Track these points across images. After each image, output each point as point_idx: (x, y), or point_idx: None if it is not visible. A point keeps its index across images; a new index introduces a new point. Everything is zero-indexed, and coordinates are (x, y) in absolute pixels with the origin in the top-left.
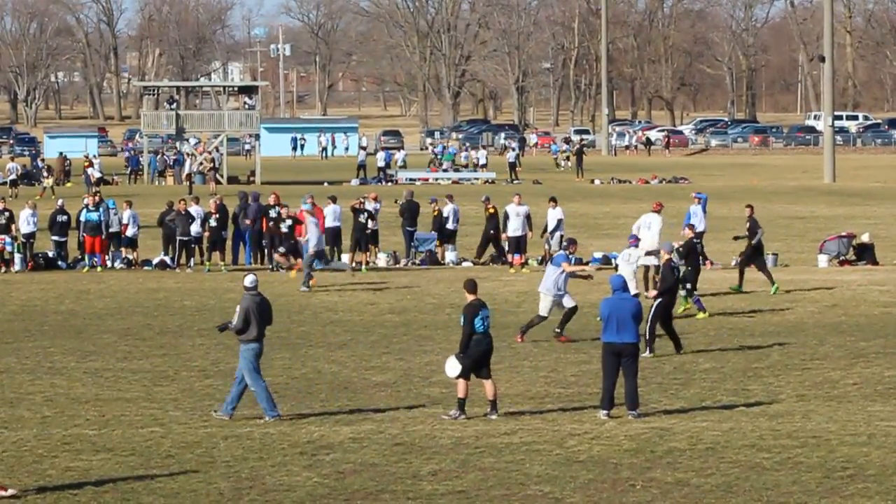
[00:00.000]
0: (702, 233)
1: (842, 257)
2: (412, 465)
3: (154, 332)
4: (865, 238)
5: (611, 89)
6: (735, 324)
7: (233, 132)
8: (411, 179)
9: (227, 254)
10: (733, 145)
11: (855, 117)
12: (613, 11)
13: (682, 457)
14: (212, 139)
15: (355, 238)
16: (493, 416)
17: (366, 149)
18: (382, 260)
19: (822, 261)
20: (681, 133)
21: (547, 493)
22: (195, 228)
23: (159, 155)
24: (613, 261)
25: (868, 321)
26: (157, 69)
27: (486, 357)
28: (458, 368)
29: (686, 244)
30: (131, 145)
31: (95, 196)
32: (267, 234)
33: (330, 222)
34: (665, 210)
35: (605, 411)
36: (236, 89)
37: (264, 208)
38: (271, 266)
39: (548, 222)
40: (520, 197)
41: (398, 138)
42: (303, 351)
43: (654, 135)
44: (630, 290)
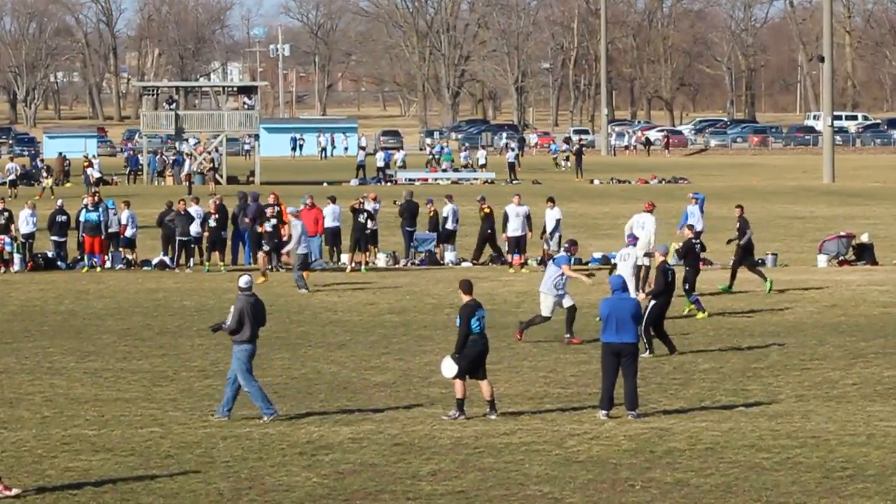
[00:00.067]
0: (699, 233)
1: (841, 257)
2: (411, 466)
3: (153, 333)
4: (865, 238)
5: (610, 89)
6: (734, 324)
7: (232, 132)
8: (410, 179)
9: (227, 254)
10: (733, 145)
11: (854, 117)
12: (613, 11)
13: (682, 457)
14: (211, 139)
15: (355, 238)
16: (492, 416)
17: (365, 149)
18: (382, 260)
19: (822, 261)
20: (680, 133)
21: (546, 494)
22: (195, 228)
23: (158, 155)
24: (612, 260)
25: (867, 321)
26: (157, 69)
27: (482, 357)
28: (454, 369)
29: (685, 245)
30: (130, 145)
31: (94, 196)
32: (266, 234)
33: (329, 222)
34: (665, 210)
35: (605, 411)
36: (236, 89)
37: (263, 208)
38: (270, 266)
39: (546, 222)
40: (520, 197)
41: (397, 138)
42: (302, 351)
43: (654, 135)
44: (630, 290)
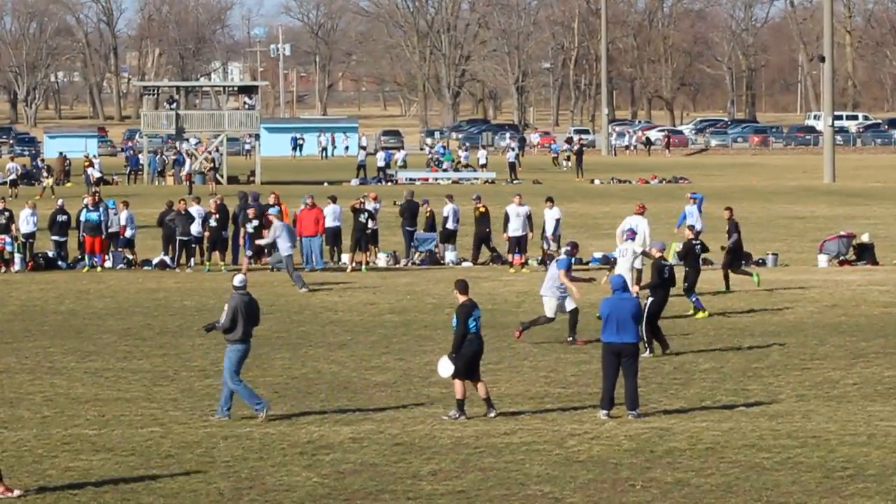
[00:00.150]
0: (699, 233)
1: (842, 257)
2: (412, 466)
3: (154, 332)
4: (865, 238)
5: (610, 89)
6: (735, 324)
7: (232, 132)
8: (411, 179)
9: (228, 254)
10: (733, 145)
11: (855, 117)
12: (613, 11)
13: (682, 457)
14: (212, 139)
15: (355, 238)
16: (491, 413)
17: (366, 149)
18: (382, 260)
19: (822, 261)
20: (681, 133)
21: (547, 493)
22: (195, 228)
23: (159, 155)
24: (612, 260)
25: (868, 321)
26: (157, 69)
27: (478, 358)
28: (450, 368)
29: (685, 245)
30: (131, 145)
31: (95, 196)
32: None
33: (330, 222)
34: (666, 210)
35: (605, 411)
36: (236, 89)
37: (264, 208)
38: (271, 267)
39: (545, 222)
40: (520, 197)
41: (398, 138)
42: (302, 351)
43: (654, 135)
44: (630, 289)
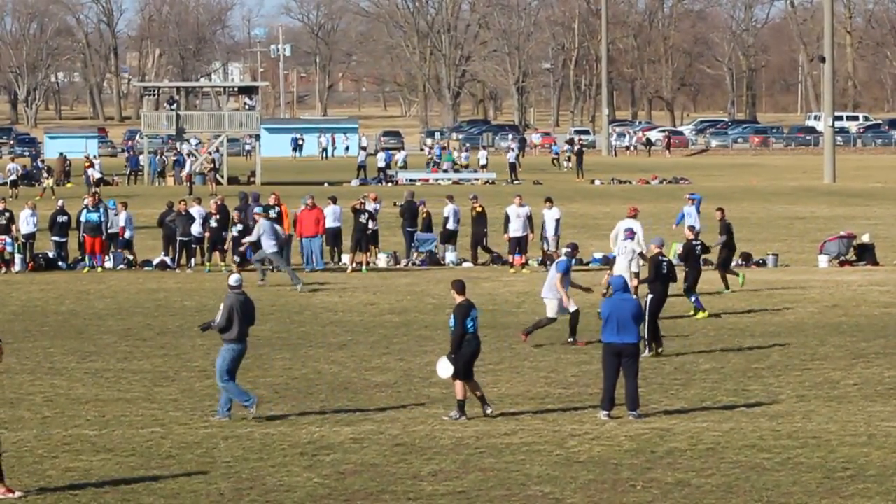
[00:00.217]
0: (698, 233)
1: (842, 258)
2: (412, 466)
3: (154, 333)
4: (866, 238)
5: (611, 90)
6: (735, 324)
7: (233, 133)
8: (411, 180)
9: (228, 254)
10: (733, 146)
11: (855, 118)
12: (613, 12)
13: (683, 457)
14: (212, 140)
15: (356, 238)
16: (488, 409)
17: (366, 149)
18: (383, 260)
19: (823, 261)
20: (681, 133)
21: (547, 494)
22: (195, 229)
23: (158, 155)
24: (612, 259)
25: (868, 321)
26: (158, 69)
27: (475, 358)
28: (450, 369)
29: (685, 246)
30: (131, 144)
31: (94, 196)
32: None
33: (330, 223)
34: (666, 210)
35: (606, 412)
36: (236, 90)
37: (264, 209)
38: (271, 267)
39: (545, 223)
40: (521, 198)
41: (398, 139)
42: (303, 351)
43: (655, 135)
44: (630, 288)
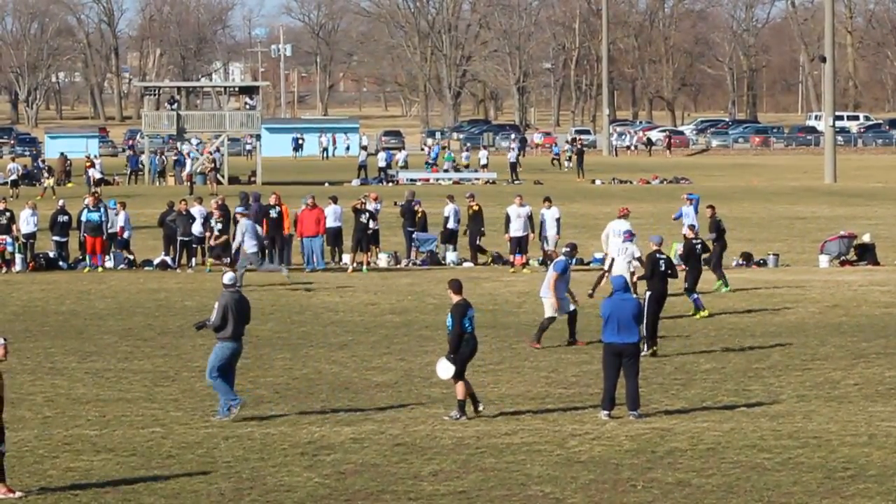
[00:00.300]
0: (697, 232)
1: (843, 258)
2: (413, 466)
3: (155, 333)
4: (866, 238)
5: (612, 89)
6: (736, 324)
7: (234, 132)
8: (412, 180)
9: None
10: (734, 146)
11: (856, 117)
12: (614, 12)
13: (683, 457)
14: (213, 139)
15: (356, 238)
16: (480, 407)
17: (367, 149)
18: (383, 260)
19: (823, 261)
20: (682, 133)
21: (548, 494)
22: (196, 229)
23: (159, 155)
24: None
25: (869, 321)
26: (158, 69)
27: (472, 357)
28: (450, 370)
29: (685, 245)
30: (132, 144)
31: (95, 196)
32: (268, 234)
33: (331, 223)
34: (667, 210)
35: (606, 412)
36: (237, 90)
37: (265, 209)
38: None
39: (545, 222)
40: (521, 198)
41: (399, 139)
42: (303, 351)
43: (655, 135)
44: (630, 287)
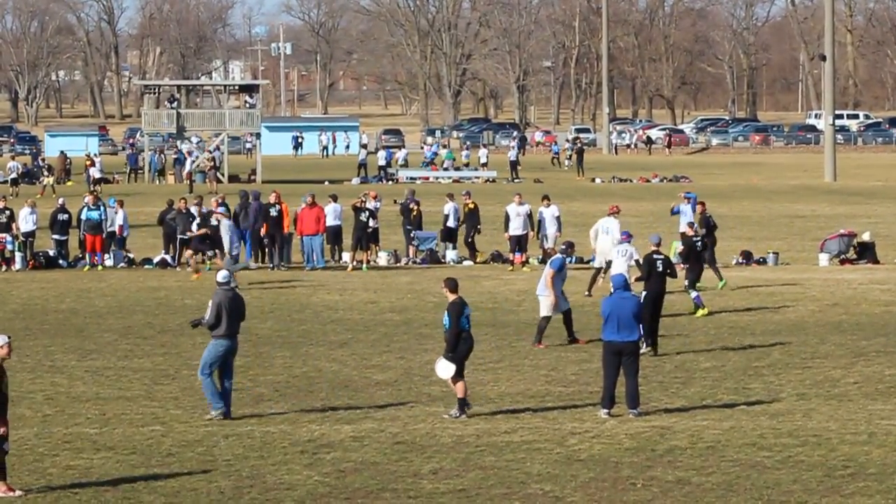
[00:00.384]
0: (696, 230)
1: (843, 256)
2: (413, 464)
3: (155, 331)
4: (866, 237)
5: (612, 88)
6: (735, 322)
7: (234, 131)
8: (412, 178)
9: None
10: (734, 144)
11: (856, 116)
12: (614, 10)
13: (683, 455)
14: (213, 138)
15: (356, 237)
16: (466, 409)
17: (367, 147)
18: (383, 259)
19: (823, 259)
20: (682, 132)
21: (548, 492)
22: (196, 227)
23: (158, 154)
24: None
25: (869, 320)
26: (158, 68)
27: (468, 355)
28: (450, 369)
29: (685, 244)
30: (132, 142)
31: (94, 195)
32: (267, 233)
33: (331, 221)
34: (666, 209)
35: (606, 410)
36: (237, 88)
37: (265, 207)
38: (271, 265)
39: (545, 221)
40: (520, 196)
41: (399, 137)
42: (303, 349)
43: (655, 133)
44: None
